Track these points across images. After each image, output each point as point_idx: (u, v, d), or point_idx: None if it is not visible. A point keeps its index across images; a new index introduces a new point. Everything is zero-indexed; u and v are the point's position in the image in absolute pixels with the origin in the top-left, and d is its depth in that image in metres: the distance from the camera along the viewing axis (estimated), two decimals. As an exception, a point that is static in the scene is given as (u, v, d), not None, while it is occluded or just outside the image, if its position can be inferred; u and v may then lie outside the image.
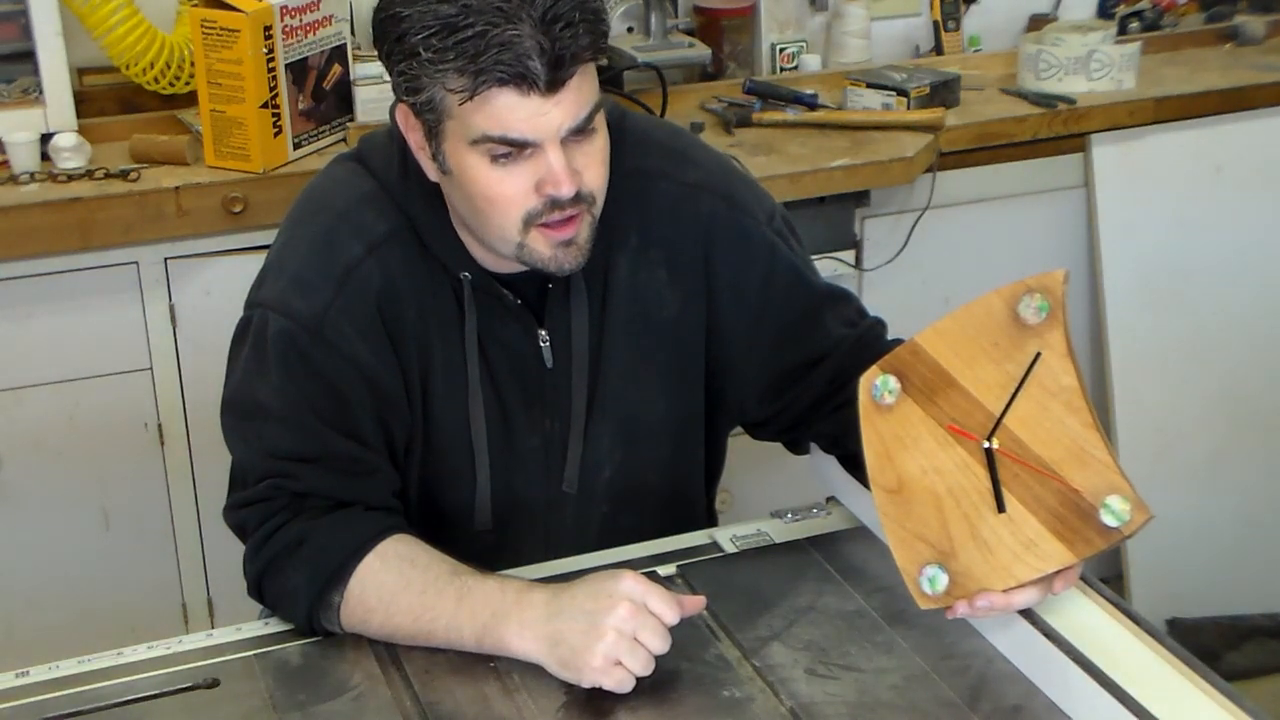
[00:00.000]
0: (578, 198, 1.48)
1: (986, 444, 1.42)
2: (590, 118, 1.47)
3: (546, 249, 1.51)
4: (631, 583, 1.43)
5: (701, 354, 1.69)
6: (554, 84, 1.41)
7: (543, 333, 1.62)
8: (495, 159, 1.46)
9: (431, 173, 1.54)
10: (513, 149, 1.45)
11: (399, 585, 1.50)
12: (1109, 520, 1.36)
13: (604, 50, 1.47)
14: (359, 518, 1.55)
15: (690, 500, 1.80)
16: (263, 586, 1.57)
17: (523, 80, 1.40)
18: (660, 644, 1.42)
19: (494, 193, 1.48)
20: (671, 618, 1.43)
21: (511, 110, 1.42)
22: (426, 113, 1.47)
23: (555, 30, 1.40)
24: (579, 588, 1.46)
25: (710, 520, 1.84)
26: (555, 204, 1.47)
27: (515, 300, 1.60)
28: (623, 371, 1.66)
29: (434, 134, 1.49)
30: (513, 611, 1.46)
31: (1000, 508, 1.41)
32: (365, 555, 1.52)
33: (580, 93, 1.44)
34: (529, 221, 1.49)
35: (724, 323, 1.68)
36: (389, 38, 1.46)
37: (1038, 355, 1.41)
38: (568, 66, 1.41)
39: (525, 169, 1.46)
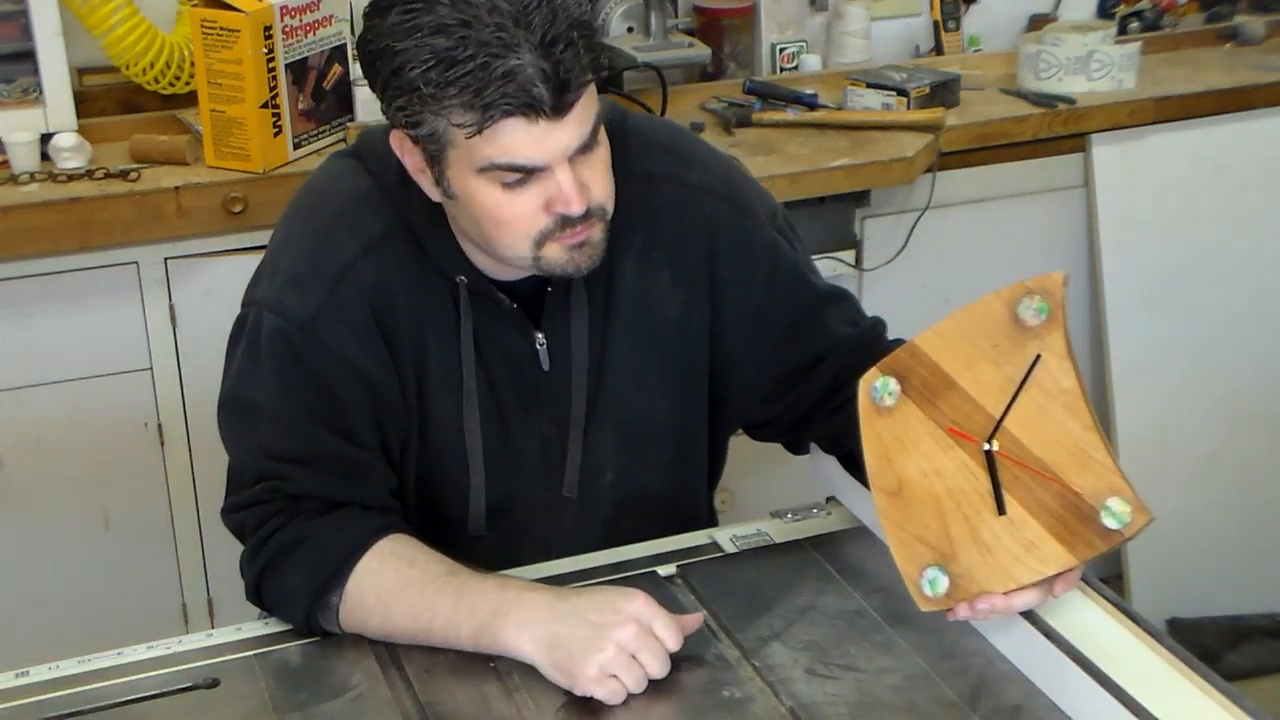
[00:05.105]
0: (587, 212, 1.48)
1: (986, 446, 1.42)
2: (595, 132, 1.47)
3: (562, 255, 1.50)
4: (642, 604, 1.44)
5: (705, 356, 1.69)
6: (560, 107, 1.41)
7: (539, 335, 1.62)
8: (505, 184, 1.45)
9: (434, 195, 1.53)
10: (522, 174, 1.45)
11: (396, 585, 1.50)
12: (1109, 522, 1.36)
13: (604, 66, 1.46)
14: (356, 518, 1.55)
15: (692, 502, 1.80)
16: (261, 589, 1.57)
17: (530, 108, 1.39)
18: (659, 668, 1.43)
19: (504, 215, 1.47)
20: (674, 644, 1.44)
21: (520, 138, 1.41)
22: (428, 142, 1.46)
23: (556, 53, 1.39)
24: (587, 597, 1.46)
25: (711, 521, 1.84)
26: (567, 221, 1.47)
27: (511, 304, 1.60)
28: (626, 375, 1.66)
29: (436, 161, 1.48)
30: (512, 610, 1.46)
31: (1000, 510, 1.40)
32: (362, 556, 1.52)
33: (585, 111, 1.44)
34: (542, 239, 1.49)
35: (727, 324, 1.68)
36: (382, 71, 1.44)
37: (1038, 357, 1.41)
38: (574, 90, 1.41)
39: (534, 190, 1.46)
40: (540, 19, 1.39)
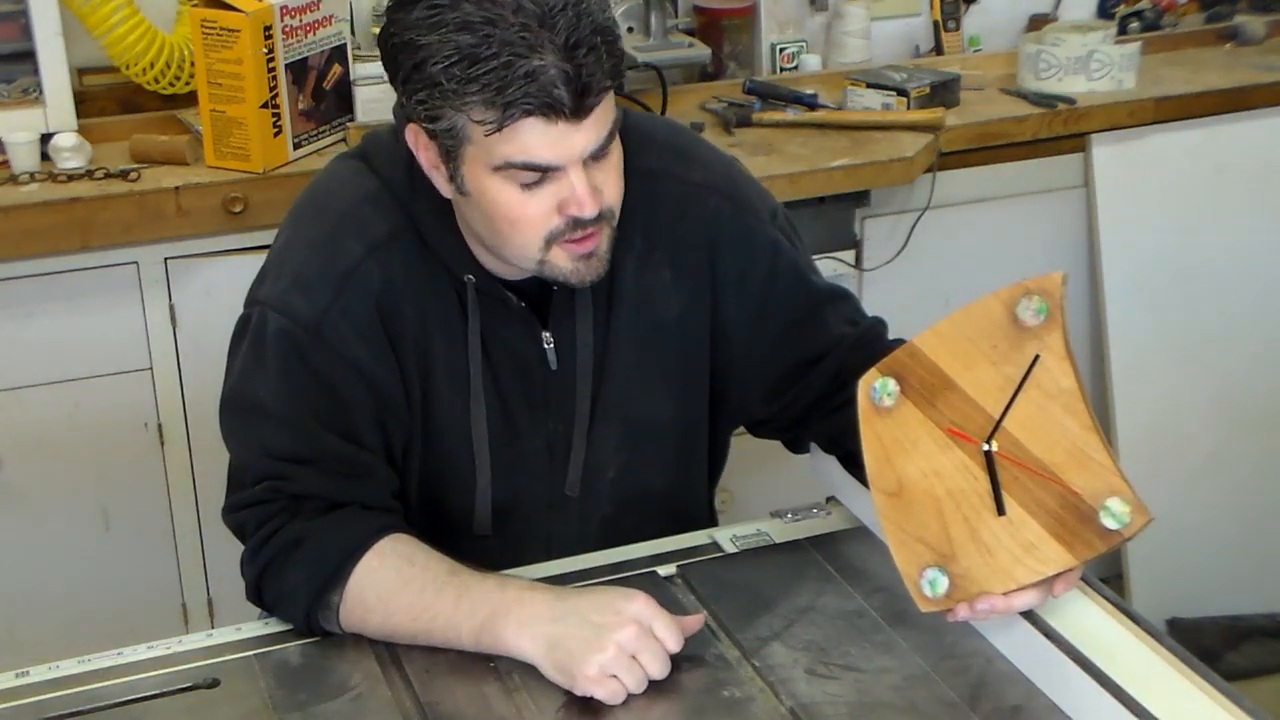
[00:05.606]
0: (598, 215, 1.49)
1: (986, 446, 1.42)
2: (610, 137, 1.47)
3: (568, 263, 1.51)
4: (642, 605, 1.44)
5: (706, 354, 1.69)
6: (579, 110, 1.42)
7: (546, 335, 1.62)
8: (520, 184, 1.46)
9: (446, 191, 1.53)
10: (537, 173, 1.45)
11: (397, 584, 1.51)
12: (1109, 523, 1.36)
13: (623, 73, 1.47)
14: (357, 517, 1.55)
15: (693, 500, 1.80)
16: (261, 588, 1.57)
17: (550, 109, 1.40)
18: (659, 669, 1.43)
19: (516, 214, 1.48)
20: (674, 645, 1.44)
21: (538, 137, 1.42)
22: (445, 137, 1.46)
23: (579, 56, 1.40)
24: (587, 597, 1.46)
25: (711, 520, 1.84)
26: (578, 223, 1.48)
27: (519, 303, 1.60)
28: (628, 374, 1.66)
29: (452, 157, 1.48)
30: (513, 609, 1.46)
31: (1000, 510, 1.40)
32: (363, 555, 1.52)
33: (603, 116, 1.45)
34: (551, 240, 1.49)
35: (727, 321, 1.68)
36: (404, 65, 1.45)
37: (1036, 357, 1.41)
38: (594, 94, 1.42)
39: (548, 190, 1.47)
40: (565, 22, 1.40)
